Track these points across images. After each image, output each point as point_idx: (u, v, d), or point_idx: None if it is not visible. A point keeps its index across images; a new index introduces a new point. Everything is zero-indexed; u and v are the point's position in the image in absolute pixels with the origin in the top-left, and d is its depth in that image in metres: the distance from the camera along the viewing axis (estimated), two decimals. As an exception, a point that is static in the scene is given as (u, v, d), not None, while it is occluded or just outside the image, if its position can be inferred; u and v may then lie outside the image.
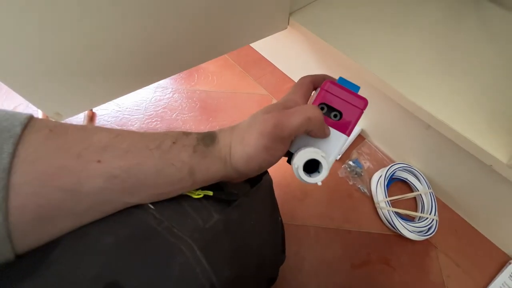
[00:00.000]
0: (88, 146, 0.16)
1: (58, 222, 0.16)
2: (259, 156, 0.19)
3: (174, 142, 0.19)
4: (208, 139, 0.20)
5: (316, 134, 0.21)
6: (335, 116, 0.22)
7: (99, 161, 0.16)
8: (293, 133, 0.20)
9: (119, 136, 0.18)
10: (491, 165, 0.36)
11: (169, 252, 0.17)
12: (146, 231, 0.17)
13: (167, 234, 0.18)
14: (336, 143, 0.22)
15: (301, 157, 0.20)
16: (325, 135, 0.21)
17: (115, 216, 0.18)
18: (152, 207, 0.19)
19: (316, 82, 0.24)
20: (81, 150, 0.16)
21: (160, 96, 0.65)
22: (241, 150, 0.20)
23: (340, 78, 0.22)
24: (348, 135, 0.22)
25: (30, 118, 0.16)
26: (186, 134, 0.20)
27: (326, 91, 0.22)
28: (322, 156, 0.20)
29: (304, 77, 0.24)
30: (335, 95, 0.22)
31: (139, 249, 0.17)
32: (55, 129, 0.16)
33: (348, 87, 0.22)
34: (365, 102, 0.22)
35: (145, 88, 0.66)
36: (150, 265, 0.16)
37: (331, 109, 0.22)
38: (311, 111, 0.19)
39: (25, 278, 0.15)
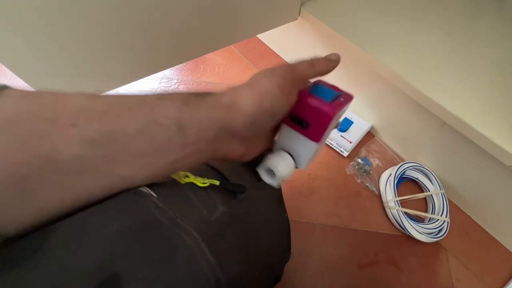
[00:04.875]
0: (63, 109, 0.15)
1: (40, 194, 0.15)
2: (272, 94, 0.18)
3: (158, 98, 0.17)
4: (202, 94, 0.18)
5: (327, 71, 0.22)
6: (305, 124, 0.22)
7: (74, 125, 0.15)
8: (303, 77, 0.20)
9: (96, 97, 0.16)
10: (511, 166, 0.35)
11: (172, 244, 0.16)
12: (148, 221, 0.16)
13: (171, 224, 0.16)
14: (307, 150, 0.23)
15: (267, 162, 0.23)
16: (334, 64, 0.22)
17: (115, 204, 0.17)
18: (154, 195, 0.18)
19: None
20: (55, 114, 0.15)
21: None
22: (252, 92, 0.18)
23: (314, 85, 0.23)
24: (318, 141, 0.23)
25: (4, 87, 0.15)
26: (173, 92, 0.18)
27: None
28: (278, 171, 0.23)
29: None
30: (303, 104, 0.22)
31: (141, 240, 0.15)
32: (28, 95, 0.15)
33: (320, 95, 0.22)
34: (332, 110, 0.21)
35: (149, 78, 0.65)
36: (152, 258, 0.15)
37: (299, 118, 0.22)
38: (311, 57, 0.21)
39: (20, 265, 0.13)
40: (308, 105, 0.21)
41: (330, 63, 0.22)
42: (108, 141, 0.15)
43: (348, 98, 0.24)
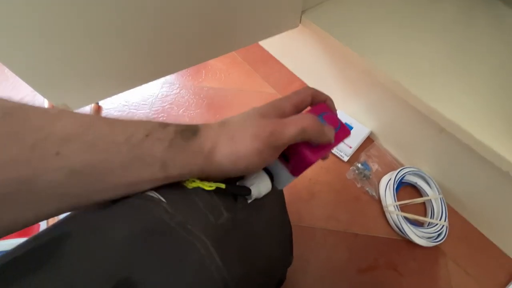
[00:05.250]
0: (48, 135, 0.15)
1: (9, 211, 0.15)
2: (249, 158, 0.19)
3: (147, 135, 0.17)
4: (189, 132, 0.19)
5: (316, 141, 0.21)
6: (287, 159, 0.23)
7: (57, 153, 0.15)
8: (287, 143, 0.20)
9: (85, 126, 0.16)
10: (508, 172, 0.35)
11: (183, 248, 0.16)
12: (159, 226, 0.17)
13: (180, 229, 0.17)
14: (285, 178, 0.24)
15: (247, 180, 0.23)
16: (325, 140, 0.21)
17: (125, 209, 0.17)
18: (163, 200, 0.18)
19: (315, 98, 0.24)
20: (38, 140, 0.14)
21: (167, 91, 0.65)
22: (230, 148, 0.19)
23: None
24: (297, 176, 0.23)
25: None
26: (163, 126, 0.18)
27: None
28: (253, 192, 0.22)
29: (307, 87, 0.24)
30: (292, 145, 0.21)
31: (152, 244, 0.16)
32: (12, 112, 0.14)
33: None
34: (315, 158, 0.21)
35: (152, 83, 0.66)
36: (163, 261, 0.15)
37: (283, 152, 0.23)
38: (306, 122, 0.20)
39: (35, 271, 0.14)
40: (293, 145, 0.21)
41: (324, 137, 0.21)
42: (91, 172, 0.16)
43: (344, 134, 0.23)
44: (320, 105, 0.24)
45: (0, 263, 0.15)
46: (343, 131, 0.24)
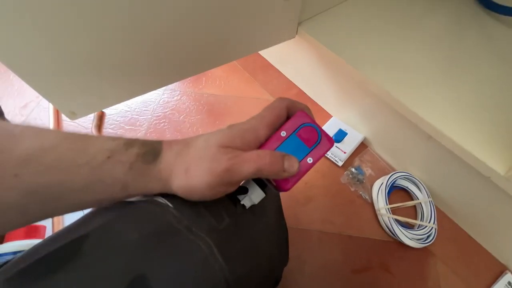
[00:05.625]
0: (8, 158, 0.15)
1: None
2: (201, 191, 0.19)
3: (108, 157, 0.18)
4: (151, 155, 0.19)
5: (275, 178, 0.21)
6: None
7: (15, 175, 0.15)
8: (243, 179, 0.20)
9: (46, 147, 0.16)
10: (489, 177, 0.38)
11: (189, 248, 0.18)
12: (167, 228, 0.19)
13: (187, 232, 0.19)
14: (274, 191, 0.23)
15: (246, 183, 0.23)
16: (285, 176, 0.20)
17: (137, 213, 0.19)
18: (171, 205, 0.20)
19: (291, 109, 0.22)
20: None
21: (168, 98, 0.67)
22: (183, 180, 0.19)
23: (286, 141, 0.21)
24: (281, 191, 0.23)
25: None
26: (127, 146, 0.18)
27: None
28: (247, 202, 0.23)
29: (281, 100, 0.22)
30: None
31: (161, 244, 0.18)
32: None
33: None
34: (289, 186, 0.21)
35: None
36: (173, 260, 0.17)
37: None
38: (262, 162, 0.19)
39: (59, 269, 0.16)
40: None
41: (282, 174, 0.20)
42: (48, 192, 0.16)
43: (325, 147, 0.22)
44: (298, 115, 0.22)
45: (29, 261, 0.17)
46: (325, 143, 0.22)
